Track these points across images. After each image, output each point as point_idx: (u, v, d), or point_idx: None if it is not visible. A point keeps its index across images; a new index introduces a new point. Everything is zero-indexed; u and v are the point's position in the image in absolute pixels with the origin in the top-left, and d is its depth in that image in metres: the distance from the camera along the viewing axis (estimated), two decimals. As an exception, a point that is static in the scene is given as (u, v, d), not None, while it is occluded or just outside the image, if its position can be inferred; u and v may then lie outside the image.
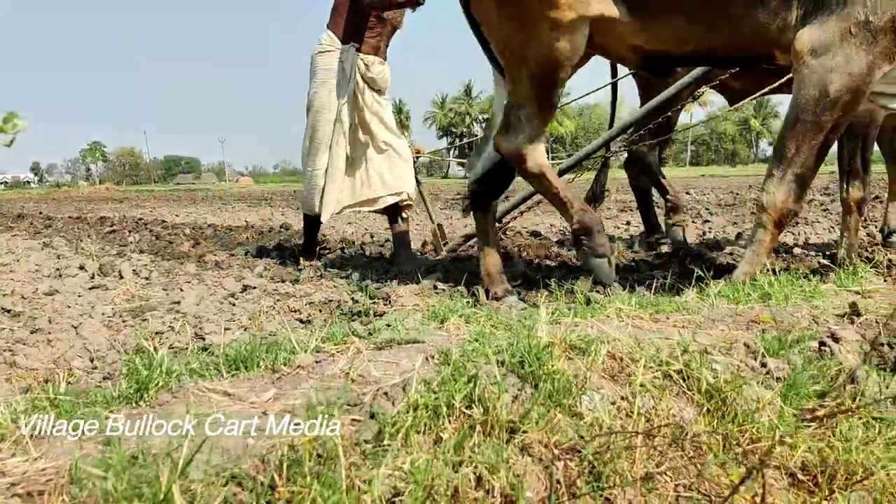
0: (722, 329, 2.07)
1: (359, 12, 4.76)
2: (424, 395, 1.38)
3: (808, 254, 5.00)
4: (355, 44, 4.82)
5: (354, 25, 4.80)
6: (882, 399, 1.72)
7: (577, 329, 1.78)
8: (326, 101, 4.86)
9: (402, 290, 3.82)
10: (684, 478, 1.42)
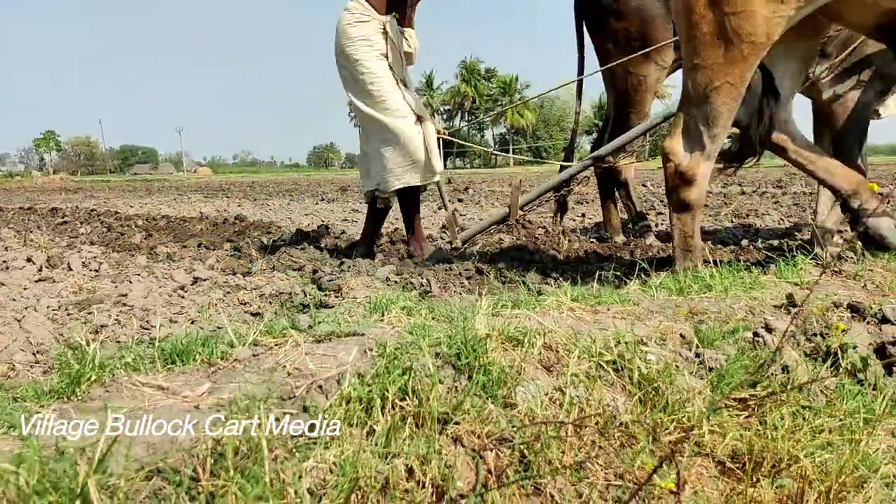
0: (660, 320, 2.11)
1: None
2: (358, 387, 1.39)
3: (758, 246, 5.11)
4: (397, 14, 4.59)
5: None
6: (808, 384, 1.77)
7: (515, 321, 1.80)
8: (380, 69, 4.57)
9: (354, 282, 3.81)
10: (615, 466, 1.45)
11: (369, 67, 4.53)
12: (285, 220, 8.50)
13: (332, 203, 12.46)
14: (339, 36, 4.57)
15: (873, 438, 1.73)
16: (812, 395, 1.85)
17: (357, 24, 4.53)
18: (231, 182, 31.31)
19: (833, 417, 1.71)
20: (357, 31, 4.53)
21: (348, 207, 10.79)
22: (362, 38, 4.53)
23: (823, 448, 1.62)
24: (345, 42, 4.55)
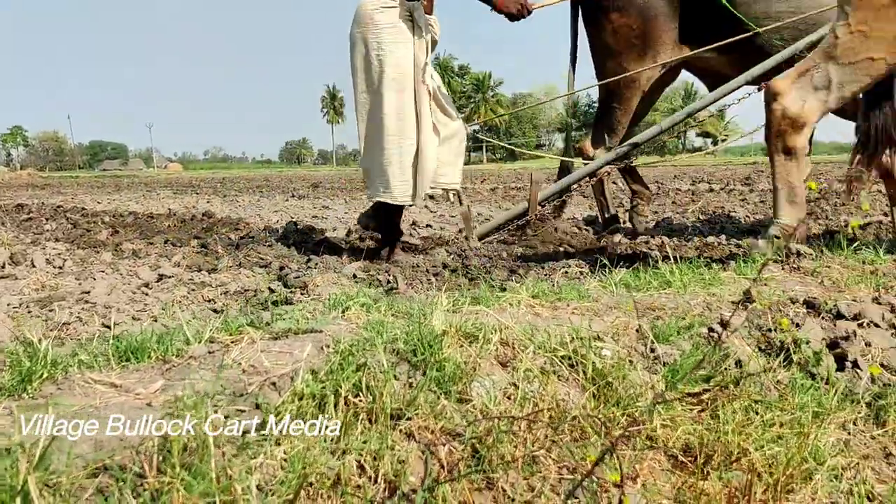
0: (617, 315, 2.13)
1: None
2: (311, 384, 1.39)
3: (724, 242, 5.16)
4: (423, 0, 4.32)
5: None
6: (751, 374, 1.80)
7: (473, 317, 1.82)
8: (406, 62, 4.30)
9: (321, 279, 3.81)
10: (567, 460, 1.47)
11: (397, 58, 4.30)
12: (254, 217, 8.45)
13: (303, 200, 12.41)
14: (362, 23, 4.33)
15: (823, 431, 1.77)
16: (765, 390, 1.88)
17: (384, 10, 4.29)
18: (201, 178, 31.09)
19: (784, 411, 1.74)
20: (384, 17, 4.29)
21: (319, 204, 10.76)
22: (390, 26, 4.29)
23: (774, 441, 1.65)
24: (368, 28, 4.31)
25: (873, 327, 2.35)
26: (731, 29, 4.69)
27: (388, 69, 4.27)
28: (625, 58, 5.14)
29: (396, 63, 4.27)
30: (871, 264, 2.97)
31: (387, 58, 4.27)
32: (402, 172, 4.37)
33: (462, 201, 5.17)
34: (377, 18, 4.27)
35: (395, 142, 4.33)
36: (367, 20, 4.28)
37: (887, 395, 2.03)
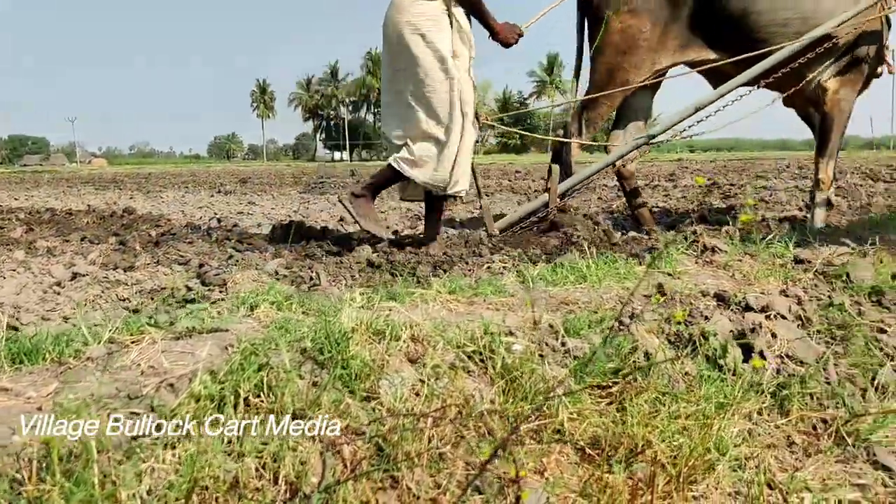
0: (533, 310, 2.14)
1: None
2: (209, 385, 1.35)
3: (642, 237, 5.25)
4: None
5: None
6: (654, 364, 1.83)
7: (384, 314, 1.80)
8: (448, 53, 4.19)
9: (240, 276, 3.73)
10: (474, 456, 1.46)
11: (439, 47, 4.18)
12: (177, 213, 8.26)
13: (230, 195, 12.19)
14: (400, 11, 4.20)
15: (727, 422, 1.80)
16: (672, 382, 1.91)
17: (422, 2, 4.20)
18: (126, 174, 30.26)
19: (689, 403, 1.77)
20: (421, 8, 4.19)
21: (245, 200, 10.58)
22: (430, 19, 4.21)
23: (679, 433, 1.67)
24: (404, 18, 4.19)
25: (780, 319, 2.42)
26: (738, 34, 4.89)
27: (430, 57, 4.17)
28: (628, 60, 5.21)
29: (439, 52, 4.17)
30: (781, 258, 3.06)
31: (429, 46, 4.17)
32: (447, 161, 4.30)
33: (482, 195, 5.12)
34: (411, 9, 4.19)
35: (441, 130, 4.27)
36: (404, 9, 4.18)
37: (791, 385, 2.09)
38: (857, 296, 2.81)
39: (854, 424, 1.98)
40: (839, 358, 2.38)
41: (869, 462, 1.87)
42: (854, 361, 2.39)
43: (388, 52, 4.33)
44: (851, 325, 2.54)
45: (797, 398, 2.05)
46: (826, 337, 2.50)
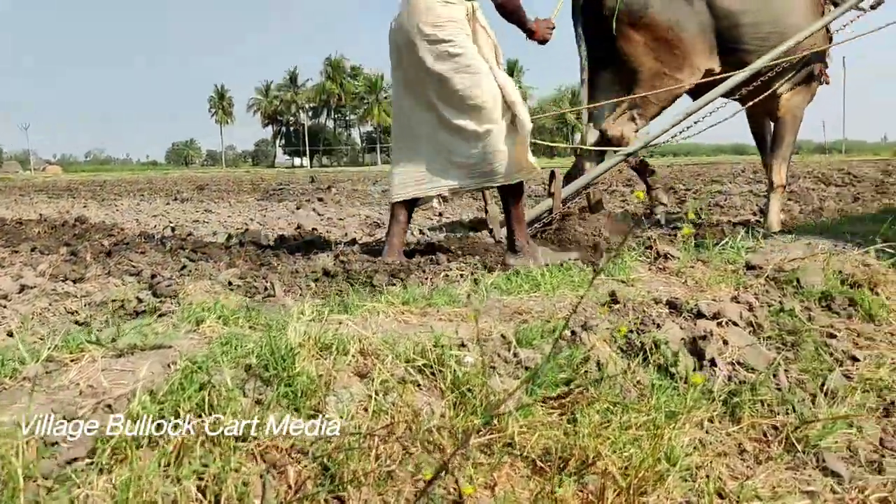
0: (486, 321, 2.12)
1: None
2: (148, 405, 1.31)
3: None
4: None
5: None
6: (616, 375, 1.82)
7: (333, 327, 1.77)
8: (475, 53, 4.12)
9: (193, 287, 3.66)
10: (423, 473, 1.44)
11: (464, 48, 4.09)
12: (132, 222, 8.12)
13: (186, 203, 12.02)
14: (423, 13, 4.09)
15: (678, 431, 1.80)
16: (624, 391, 1.90)
17: (447, 5, 4.10)
18: (80, 181, 29.69)
19: (640, 413, 1.76)
20: (447, 11, 4.09)
21: (202, 208, 10.43)
22: (455, 22, 4.11)
23: (630, 444, 1.67)
24: (428, 20, 4.08)
25: (732, 325, 2.44)
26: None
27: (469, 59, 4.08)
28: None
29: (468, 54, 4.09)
30: (734, 264, 3.09)
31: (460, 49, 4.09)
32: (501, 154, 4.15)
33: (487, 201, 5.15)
34: (439, 11, 4.10)
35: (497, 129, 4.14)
36: (429, 12, 4.09)
37: (742, 392, 2.10)
38: (807, 301, 2.85)
39: (804, 431, 1.99)
40: (790, 364, 2.41)
41: (818, 468, 1.89)
42: (804, 367, 2.41)
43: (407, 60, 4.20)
44: (802, 330, 2.57)
45: (748, 405, 2.07)
46: (777, 343, 2.52)
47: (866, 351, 2.63)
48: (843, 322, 2.77)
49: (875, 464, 1.98)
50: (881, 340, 2.75)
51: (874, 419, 2.23)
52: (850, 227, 4.44)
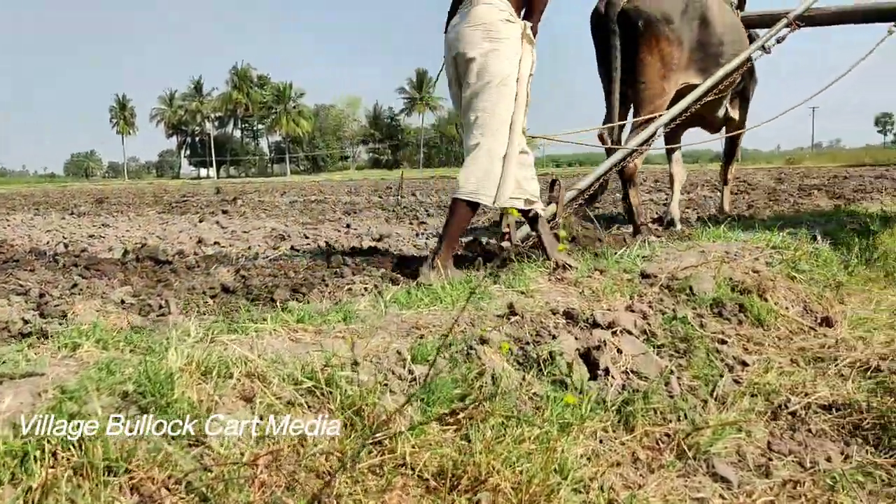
0: (383, 337, 2.09)
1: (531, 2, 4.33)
2: (9, 440, 1.23)
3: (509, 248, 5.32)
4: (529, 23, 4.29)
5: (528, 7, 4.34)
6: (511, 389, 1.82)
7: (217, 349, 1.70)
8: (514, 72, 4.19)
9: (83, 306, 3.50)
10: (312, 497, 1.39)
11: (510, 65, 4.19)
12: (23, 238, 7.74)
13: (83, 217, 11.54)
14: (483, 26, 4.20)
15: (572, 443, 1.81)
16: (519, 404, 1.90)
17: (506, 23, 4.20)
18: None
19: (534, 426, 1.76)
20: (507, 29, 4.19)
21: (99, 222, 10.04)
22: (509, 39, 4.20)
23: (524, 458, 1.66)
24: (489, 34, 4.18)
25: (626, 334, 2.48)
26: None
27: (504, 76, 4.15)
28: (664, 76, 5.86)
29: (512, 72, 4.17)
30: (630, 273, 3.15)
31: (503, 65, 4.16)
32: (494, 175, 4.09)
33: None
34: (498, 27, 4.18)
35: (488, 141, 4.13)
36: (490, 26, 4.18)
37: (635, 401, 2.13)
38: (699, 308, 2.92)
39: (695, 437, 2.04)
40: (682, 371, 2.46)
41: (708, 474, 1.93)
42: (696, 373, 2.47)
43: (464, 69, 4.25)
44: (694, 337, 2.64)
45: (641, 414, 2.10)
46: (670, 350, 2.57)
47: (755, 356, 2.72)
48: (733, 328, 2.86)
49: (762, 467, 2.03)
50: (769, 345, 2.85)
51: (762, 423, 2.30)
52: (743, 234, 4.60)
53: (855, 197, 9.63)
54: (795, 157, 44.82)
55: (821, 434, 2.26)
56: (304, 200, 15.29)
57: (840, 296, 3.62)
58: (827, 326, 3.13)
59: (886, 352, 2.81)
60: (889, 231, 4.72)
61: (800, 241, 4.10)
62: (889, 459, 2.13)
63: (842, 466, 2.08)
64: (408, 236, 7.11)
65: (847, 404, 2.40)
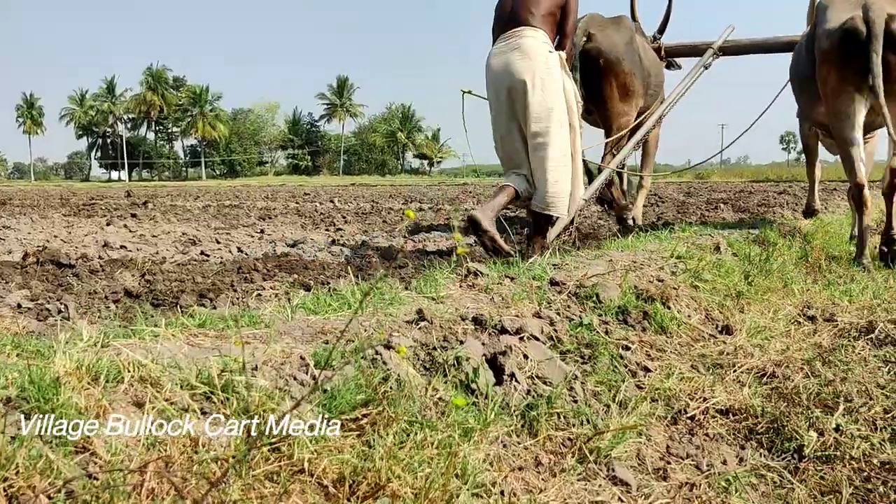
0: (287, 342, 2.06)
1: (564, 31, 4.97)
2: None
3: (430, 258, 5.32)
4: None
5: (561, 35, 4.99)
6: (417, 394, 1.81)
7: (108, 354, 1.64)
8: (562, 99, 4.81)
9: (-28, 311, 3.34)
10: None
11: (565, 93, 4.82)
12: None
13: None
14: (533, 58, 4.71)
15: (475, 448, 1.82)
16: (424, 409, 1.89)
17: (552, 54, 4.77)
18: None
19: (437, 431, 1.76)
20: (553, 59, 4.76)
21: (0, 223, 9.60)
22: (558, 68, 4.78)
23: (426, 463, 1.65)
24: (542, 66, 4.70)
25: (532, 340, 2.50)
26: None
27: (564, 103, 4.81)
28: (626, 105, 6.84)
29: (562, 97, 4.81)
30: (539, 280, 3.19)
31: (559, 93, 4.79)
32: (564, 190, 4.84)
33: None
34: (548, 58, 4.75)
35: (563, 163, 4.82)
36: (541, 58, 4.73)
37: (539, 406, 2.15)
38: (605, 315, 2.98)
39: (596, 441, 2.07)
40: (587, 376, 2.50)
41: (608, 478, 1.96)
42: (600, 379, 2.52)
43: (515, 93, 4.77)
44: (599, 343, 2.69)
45: (545, 418, 2.12)
46: (576, 356, 2.61)
47: (658, 362, 2.79)
48: (637, 335, 2.93)
49: (661, 471, 2.08)
50: (671, 352, 2.92)
51: (662, 427, 2.36)
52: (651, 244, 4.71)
53: (759, 211, 10.01)
54: (704, 171, 46.34)
55: (718, 438, 2.34)
56: (219, 205, 14.98)
57: (740, 305, 3.74)
58: (727, 334, 3.24)
59: (781, 358, 2.93)
60: (787, 243, 4.92)
61: (703, 251, 4.23)
62: (781, 462, 2.21)
63: (736, 469, 2.15)
64: (323, 243, 7.05)
65: (743, 409, 2.48)
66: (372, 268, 4.89)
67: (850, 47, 5.13)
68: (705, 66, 7.54)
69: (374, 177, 70.32)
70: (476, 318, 2.53)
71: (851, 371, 2.80)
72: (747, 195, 15.50)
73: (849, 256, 5.52)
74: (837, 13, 5.32)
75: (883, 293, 4.26)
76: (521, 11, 4.81)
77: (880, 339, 3.28)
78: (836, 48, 5.24)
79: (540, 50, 4.77)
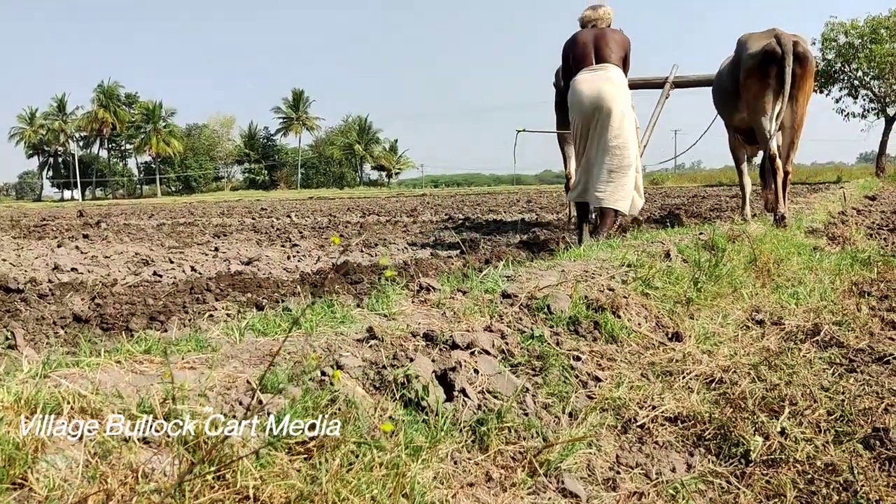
0: (234, 366, 2.04)
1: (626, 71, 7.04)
2: None
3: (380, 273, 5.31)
4: None
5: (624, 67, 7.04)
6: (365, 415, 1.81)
7: (49, 384, 1.61)
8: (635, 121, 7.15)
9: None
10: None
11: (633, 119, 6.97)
12: None
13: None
14: (619, 86, 6.71)
15: (425, 466, 1.82)
16: (373, 430, 1.89)
17: (625, 83, 6.89)
18: None
19: (385, 451, 1.76)
20: (628, 91, 6.93)
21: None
22: (630, 97, 6.90)
23: (374, 484, 1.65)
24: (623, 92, 6.75)
25: (483, 354, 2.52)
26: None
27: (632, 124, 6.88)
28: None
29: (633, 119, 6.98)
30: (491, 293, 3.20)
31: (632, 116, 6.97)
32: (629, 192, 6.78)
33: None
34: (626, 87, 6.86)
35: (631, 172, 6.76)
36: (622, 87, 6.76)
37: (489, 420, 2.16)
38: (556, 326, 3.01)
39: (546, 454, 2.08)
40: (538, 388, 2.52)
41: (558, 490, 1.98)
42: (552, 391, 2.54)
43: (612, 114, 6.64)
44: (550, 355, 2.71)
45: (495, 433, 2.13)
46: (527, 369, 2.63)
47: (608, 371, 2.82)
48: (588, 345, 2.96)
49: (610, 481, 2.11)
50: (622, 360, 2.96)
51: (612, 437, 2.39)
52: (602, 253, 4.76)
53: (711, 215, 10.18)
54: (659, 177, 47.00)
55: (667, 446, 2.37)
56: (173, 223, 14.80)
57: (690, 311, 3.80)
58: (677, 341, 3.28)
59: (729, 364, 2.98)
60: (736, 248, 5.01)
61: (653, 258, 4.29)
62: (728, 467, 2.25)
63: (684, 476, 2.18)
64: (279, 259, 7.01)
65: (691, 416, 2.52)
66: (327, 284, 4.87)
67: (769, 63, 6.95)
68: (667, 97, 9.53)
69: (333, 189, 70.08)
70: (427, 334, 2.54)
71: (797, 374, 2.86)
72: (700, 199, 15.77)
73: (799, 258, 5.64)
74: (757, 42, 7.14)
75: (830, 295, 4.37)
76: (604, 52, 6.72)
77: (825, 341, 3.36)
78: (758, 64, 7.03)
79: (622, 79, 6.75)
